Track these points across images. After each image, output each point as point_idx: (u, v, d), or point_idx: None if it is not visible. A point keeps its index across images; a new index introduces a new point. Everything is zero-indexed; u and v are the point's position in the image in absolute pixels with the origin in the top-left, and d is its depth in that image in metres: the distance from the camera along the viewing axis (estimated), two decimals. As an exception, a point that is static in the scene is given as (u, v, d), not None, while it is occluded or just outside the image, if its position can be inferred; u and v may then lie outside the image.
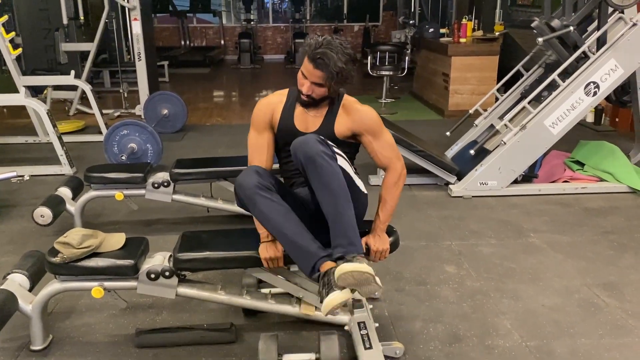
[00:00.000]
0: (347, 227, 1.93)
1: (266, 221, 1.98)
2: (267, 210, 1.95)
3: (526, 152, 3.90)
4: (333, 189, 1.92)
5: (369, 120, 2.17)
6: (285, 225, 1.96)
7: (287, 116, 2.19)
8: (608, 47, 3.80)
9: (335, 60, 2.00)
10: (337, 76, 2.02)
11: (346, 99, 2.21)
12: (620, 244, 3.19)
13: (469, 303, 2.57)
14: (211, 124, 6.47)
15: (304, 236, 1.97)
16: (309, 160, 1.91)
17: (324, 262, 1.93)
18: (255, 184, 1.96)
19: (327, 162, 1.91)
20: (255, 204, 1.96)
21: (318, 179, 1.92)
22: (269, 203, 1.96)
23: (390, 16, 13.07)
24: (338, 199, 1.92)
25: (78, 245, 2.07)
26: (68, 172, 4.40)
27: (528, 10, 7.12)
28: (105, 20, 6.53)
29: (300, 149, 1.93)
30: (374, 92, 8.05)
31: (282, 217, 1.96)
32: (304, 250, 1.95)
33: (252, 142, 2.22)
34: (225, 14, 13.35)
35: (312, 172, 1.93)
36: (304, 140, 1.95)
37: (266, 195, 1.95)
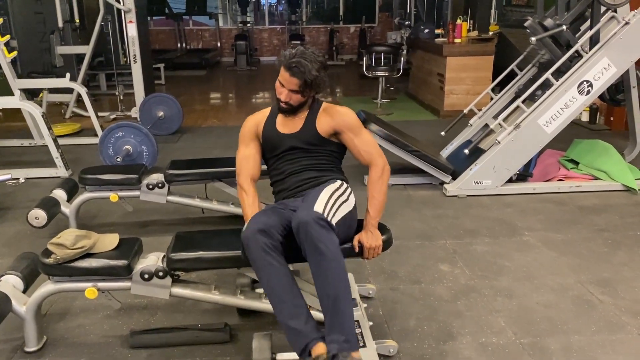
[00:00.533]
0: (345, 322, 1.88)
1: (266, 287, 1.95)
2: (268, 278, 1.92)
3: (520, 151, 3.91)
4: (334, 280, 1.88)
5: (348, 118, 2.25)
6: (283, 298, 1.92)
7: (270, 124, 2.30)
8: (601, 45, 3.82)
9: (310, 69, 2.11)
10: (311, 83, 2.13)
11: (325, 104, 2.31)
12: (614, 242, 3.20)
13: (463, 301, 2.58)
14: (207, 125, 6.47)
15: (300, 314, 1.92)
16: (311, 246, 1.88)
17: (316, 345, 1.87)
18: (261, 245, 1.92)
19: (329, 251, 1.87)
20: (259, 268, 1.93)
21: (318, 267, 1.89)
22: (272, 271, 1.92)
23: (386, 17, 13.09)
24: (338, 291, 1.88)
25: (71, 246, 2.07)
26: (63, 175, 4.40)
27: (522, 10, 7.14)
28: (100, 23, 6.54)
29: (303, 231, 1.89)
30: (370, 93, 8.07)
31: (281, 289, 1.92)
32: (297, 328, 1.89)
33: (239, 155, 2.31)
34: (221, 16, 13.36)
35: (313, 259, 1.89)
36: (306, 223, 1.89)
37: (271, 262, 1.92)
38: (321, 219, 1.91)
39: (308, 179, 2.22)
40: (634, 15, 3.77)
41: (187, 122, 6.31)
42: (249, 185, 2.24)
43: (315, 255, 1.88)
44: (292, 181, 2.24)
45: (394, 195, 3.93)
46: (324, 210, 1.95)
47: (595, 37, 3.90)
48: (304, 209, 1.96)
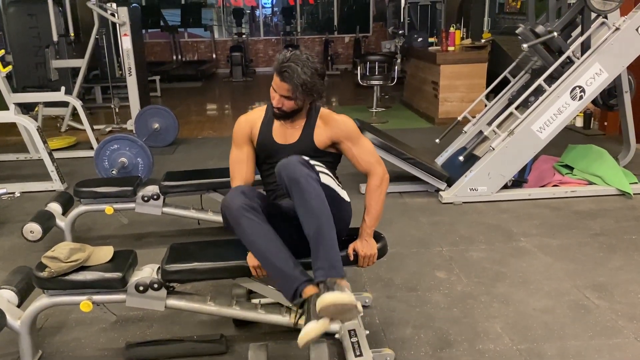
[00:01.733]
0: (329, 250, 1.92)
1: (249, 243, 1.98)
2: (251, 232, 1.95)
3: (515, 157, 3.92)
4: (315, 211, 1.92)
5: (346, 127, 2.22)
6: (268, 249, 1.95)
7: (266, 130, 2.25)
8: (592, 51, 3.85)
9: (300, 73, 2.06)
10: (301, 88, 2.08)
11: (323, 110, 2.26)
12: (610, 246, 3.21)
13: (459, 308, 2.58)
14: (203, 136, 6.48)
15: (287, 260, 1.96)
16: (293, 182, 1.93)
17: (307, 287, 1.91)
18: (241, 204, 1.95)
19: (310, 185, 1.92)
20: (240, 225, 1.96)
21: (301, 201, 1.93)
22: (254, 225, 1.95)
23: (380, 27, 13.17)
24: (320, 221, 1.92)
25: (66, 259, 2.07)
26: (59, 188, 4.39)
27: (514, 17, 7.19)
28: (95, 36, 6.56)
29: (284, 171, 1.95)
30: (365, 101, 8.10)
31: (265, 240, 1.96)
32: (285, 274, 1.94)
33: (232, 157, 2.29)
34: (216, 28, 13.41)
35: (296, 194, 1.94)
36: (287, 163, 1.96)
37: (251, 217, 1.95)
38: (303, 159, 1.97)
39: None
40: (624, 21, 3.80)
41: (183, 134, 6.31)
42: None
43: (297, 189, 1.92)
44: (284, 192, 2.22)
45: (390, 203, 3.92)
46: (309, 160, 2.01)
47: (586, 43, 3.93)
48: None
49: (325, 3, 13.86)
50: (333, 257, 1.92)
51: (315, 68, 2.11)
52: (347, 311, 1.84)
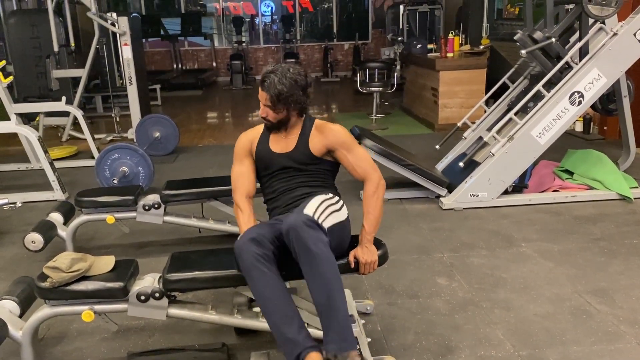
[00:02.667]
0: (340, 321, 1.90)
1: (258, 298, 1.97)
2: (260, 287, 1.94)
3: (515, 163, 3.93)
4: (325, 280, 1.90)
5: (340, 135, 2.27)
6: (275, 308, 1.94)
7: (264, 142, 2.32)
8: (590, 57, 3.86)
9: (276, 83, 2.14)
10: (276, 97, 2.15)
11: (317, 121, 2.32)
12: (611, 251, 3.21)
13: (460, 314, 2.58)
14: (203, 145, 6.50)
15: (292, 322, 1.93)
16: (302, 248, 1.90)
17: (310, 353, 1.88)
18: (252, 254, 1.94)
19: (320, 251, 1.90)
20: (251, 276, 1.95)
21: (310, 269, 1.91)
22: (263, 279, 1.94)
23: (379, 34, 13.21)
24: (331, 291, 1.90)
25: (67, 269, 2.07)
26: (60, 198, 4.40)
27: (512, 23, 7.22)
28: (96, 46, 6.59)
29: (293, 234, 1.92)
30: (365, 108, 8.11)
31: (273, 298, 1.94)
32: (288, 338, 1.91)
33: (235, 171, 2.33)
34: (216, 36, 13.47)
35: (305, 261, 1.92)
36: (295, 226, 1.92)
37: (262, 270, 1.94)
38: (310, 220, 1.94)
39: (301, 195, 2.24)
40: (622, 27, 3.82)
41: (184, 142, 6.33)
42: (244, 203, 2.26)
43: (306, 255, 1.90)
44: (285, 198, 2.25)
45: (391, 210, 3.94)
46: (314, 213, 1.98)
47: (584, 49, 3.94)
48: (293, 214, 1.99)
49: (324, 11, 13.92)
50: (345, 329, 1.90)
51: (295, 80, 2.17)
52: None
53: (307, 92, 2.23)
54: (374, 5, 13.44)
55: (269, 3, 13.63)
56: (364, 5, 13.66)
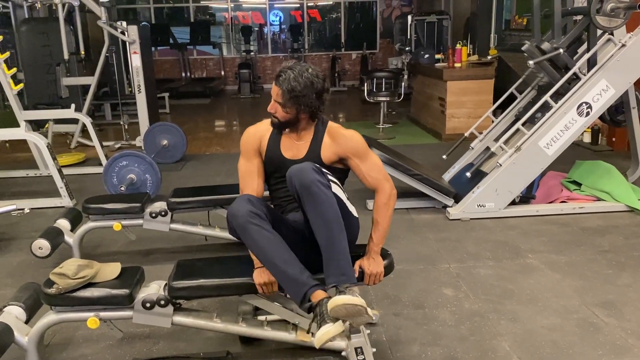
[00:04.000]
0: (340, 257, 1.96)
1: (257, 250, 2.00)
2: (258, 238, 1.97)
3: (522, 173, 3.91)
4: (327, 218, 1.95)
5: (354, 143, 2.21)
6: (276, 254, 1.97)
7: (274, 144, 2.25)
8: (598, 68, 3.85)
9: (290, 79, 2.09)
10: (288, 94, 2.10)
11: (330, 125, 2.25)
12: (619, 263, 3.18)
13: (467, 325, 2.56)
14: (210, 153, 6.52)
15: (294, 265, 1.98)
16: (305, 188, 1.94)
17: (315, 291, 1.94)
18: (247, 212, 1.97)
19: (322, 191, 1.94)
20: (247, 232, 1.98)
21: (313, 208, 1.96)
22: (260, 231, 1.97)
23: (387, 44, 13.27)
24: (332, 228, 1.95)
25: (73, 276, 2.08)
26: (68, 204, 4.43)
27: (520, 34, 7.22)
28: (105, 54, 6.65)
29: (296, 177, 1.97)
30: (372, 117, 8.12)
31: (272, 246, 1.97)
32: (294, 279, 1.96)
33: (242, 169, 2.28)
34: (225, 45, 13.56)
35: (307, 201, 1.96)
36: (299, 169, 1.98)
37: (257, 223, 1.97)
38: (315, 166, 1.99)
39: None
40: (630, 38, 3.81)
41: (191, 150, 6.36)
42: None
43: (308, 197, 1.94)
44: (293, 204, 2.23)
45: (397, 219, 3.93)
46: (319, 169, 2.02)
47: (592, 60, 3.94)
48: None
49: (332, 20, 13.99)
50: (344, 264, 1.97)
51: (312, 81, 2.12)
52: (358, 313, 1.85)
53: (322, 97, 2.17)
54: (382, 16, 13.51)
55: (278, 13, 13.72)
56: (372, 16, 13.72)
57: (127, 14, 12.99)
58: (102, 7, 6.14)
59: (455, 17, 10.04)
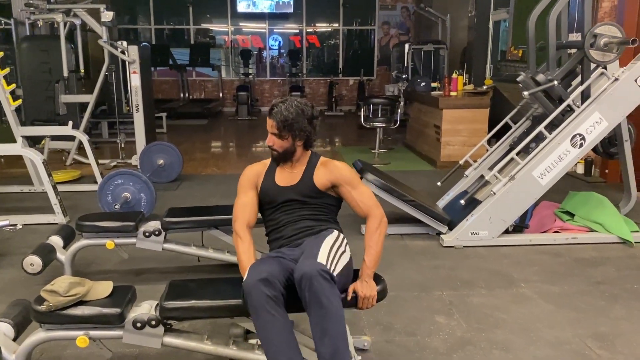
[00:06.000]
0: None
1: (264, 340, 1.96)
2: (269, 330, 1.94)
3: (516, 203, 3.94)
4: (334, 334, 1.92)
5: (345, 172, 2.33)
6: (281, 352, 1.94)
7: (270, 176, 2.36)
8: (592, 100, 3.91)
9: (282, 110, 2.23)
10: (282, 124, 2.22)
11: (323, 158, 2.38)
12: (611, 295, 3.18)
13: (459, 354, 2.54)
14: (206, 173, 6.53)
15: None
16: (314, 300, 1.92)
17: None
18: (263, 297, 1.93)
19: (332, 305, 1.92)
20: (260, 318, 1.95)
21: (320, 321, 1.93)
22: (272, 323, 1.94)
23: (384, 70, 13.43)
24: (338, 349, 1.92)
25: (65, 293, 2.06)
26: (61, 221, 4.41)
27: (515, 65, 7.33)
28: (105, 73, 6.70)
29: (305, 284, 1.92)
30: (368, 143, 8.17)
31: (280, 340, 1.94)
32: None
33: (238, 203, 2.35)
34: (224, 67, 13.69)
35: (315, 313, 1.93)
36: (309, 275, 1.92)
37: (272, 313, 1.93)
38: (325, 272, 1.93)
39: (304, 228, 2.25)
40: (623, 72, 3.88)
41: (187, 170, 6.37)
42: (244, 232, 2.27)
43: (318, 308, 1.91)
44: (288, 229, 2.27)
45: (391, 245, 3.93)
46: (326, 262, 1.99)
47: (586, 93, 4.00)
48: (307, 260, 1.99)
49: (331, 46, 14.17)
50: None
51: (302, 109, 2.27)
52: None
53: (312, 123, 2.30)
54: (379, 43, 13.69)
55: (277, 37, 13.89)
56: (370, 43, 13.92)
57: (128, 34, 13.12)
58: (103, 27, 6.22)
59: (452, 47, 10.19)
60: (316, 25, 13.88)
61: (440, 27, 10.58)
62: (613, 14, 5.69)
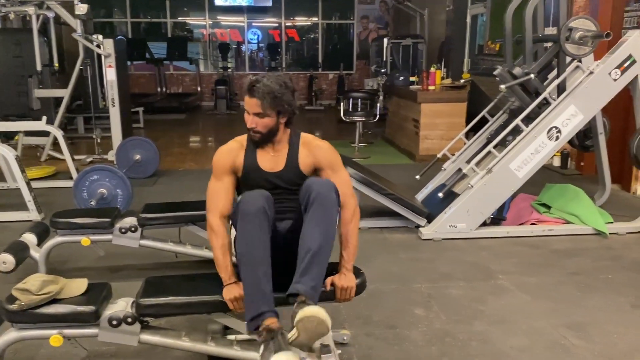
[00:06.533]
0: (319, 273, 2.01)
1: (244, 245, 2.00)
2: (254, 235, 1.98)
3: (493, 195, 3.97)
4: (326, 232, 2.01)
5: (330, 155, 2.27)
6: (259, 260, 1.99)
7: (251, 159, 2.24)
8: (567, 93, 3.95)
9: (266, 84, 2.11)
10: (269, 97, 2.11)
11: (304, 136, 2.29)
12: (587, 285, 3.23)
13: (437, 346, 2.56)
14: (184, 169, 6.46)
15: (268, 281, 1.99)
16: (322, 199, 2.02)
17: (272, 317, 1.97)
18: (261, 206, 2.00)
19: (333, 211, 2.06)
20: (247, 223, 1.99)
21: (317, 217, 2.01)
22: (258, 232, 1.99)
23: (363, 65, 13.45)
24: (325, 243, 2.01)
25: (37, 292, 2.02)
26: (35, 218, 4.32)
27: (492, 59, 7.39)
28: (80, 67, 6.58)
29: (317, 187, 2.03)
30: (348, 137, 8.17)
31: (260, 251, 1.99)
32: (262, 293, 1.98)
33: (211, 188, 2.26)
34: (202, 61, 13.55)
35: (317, 210, 2.01)
36: (323, 183, 2.08)
37: (260, 223, 1.99)
38: (337, 190, 2.06)
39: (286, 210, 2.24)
40: (597, 66, 3.93)
41: (165, 165, 6.29)
42: (219, 226, 2.18)
43: (320, 207, 2.00)
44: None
45: (370, 239, 3.93)
46: None
47: (562, 86, 4.04)
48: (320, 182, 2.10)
49: (310, 40, 14.12)
50: (318, 282, 2.01)
51: (284, 82, 2.17)
52: (321, 328, 1.89)
53: (293, 94, 2.21)
54: (358, 38, 13.70)
55: (256, 31, 13.80)
56: (349, 37, 13.92)
57: (103, 28, 12.89)
58: (77, 20, 6.10)
59: (430, 41, 10.24)
60: (295, 19, 13.82)
61: (418, 21, 10.62)
62: (588, 8, 5.76)
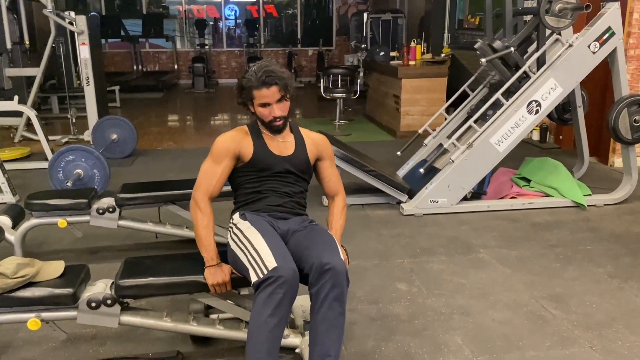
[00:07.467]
0: None
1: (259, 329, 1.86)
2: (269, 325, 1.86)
3: (474, 170, 3.98)
4: (337, 341, 1.94)
5: (329, 148, 2.35)
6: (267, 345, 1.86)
7: (260, 144, 2.19)
8: (547, 67, 3.95)
9: (275, 70, 2.11)
10: (284, 81, 2.10)
11: (301, 128, 2.33)
12: (566, 257, 3.27)
13: (420, 320, 2.58)
14: (162, 148, 6.36)
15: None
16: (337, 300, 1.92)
17: None
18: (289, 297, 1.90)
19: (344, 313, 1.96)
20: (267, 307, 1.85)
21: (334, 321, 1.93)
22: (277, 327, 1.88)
23: (343, 41, 13.31)
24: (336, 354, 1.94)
25: (12, 275, 1.97)
26: (10, 201, 4.22)
27: (472, 32, 7.37)
28: (52, 45, 6.38)
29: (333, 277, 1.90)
30: (329, 114, 8.12)
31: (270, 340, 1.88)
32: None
33: (206, 169, 2.17)
34: (178, 38, 13.28)
35: (331, 311, 1.92)
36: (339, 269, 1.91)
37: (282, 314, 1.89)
38: (347, 276, 1.95)
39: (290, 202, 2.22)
40: (577, 38, 3.93)
41: (142, 145, 6.19)
42: (205, 204, 2.12)
43: (338, 306, 1.92)
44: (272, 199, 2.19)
45: (352, 216, 3.92)
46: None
47: (541, 59, 4.04)
48: (331, 252, 1.97)
49: (289, 16, 13.92)
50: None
51: (281, 66, 2.18)
52: None
53: None
54: (338, 13, 13.53)
55: (233, 7, 13.54)
56: (328, 12, 13.74)
57: (76, 5, 12.51)
58: (47, -5, 5.90)
59: (409, 16, 10.16)
60: (273, -6, 13.60)
61: (398, -5, 10.53)
62: (567, -19, 5.74)
